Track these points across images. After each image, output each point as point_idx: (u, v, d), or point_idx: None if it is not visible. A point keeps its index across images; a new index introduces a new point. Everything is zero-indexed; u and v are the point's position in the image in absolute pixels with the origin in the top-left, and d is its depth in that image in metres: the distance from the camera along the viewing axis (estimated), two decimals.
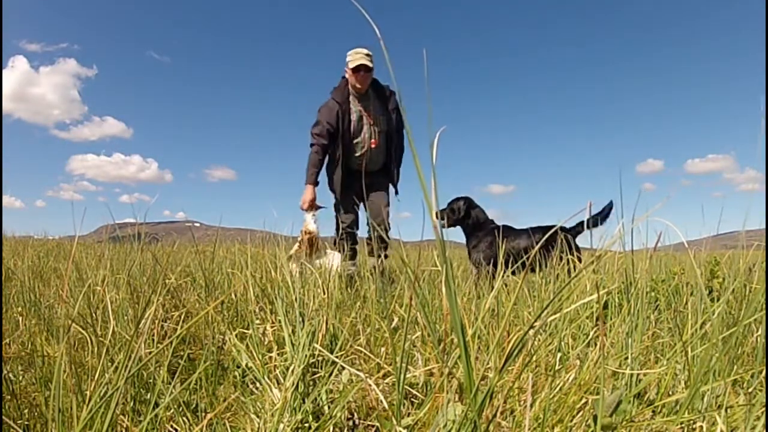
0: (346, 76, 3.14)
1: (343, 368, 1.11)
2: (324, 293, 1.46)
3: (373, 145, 3.19)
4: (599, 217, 3.05)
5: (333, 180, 3.27)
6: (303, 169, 3.20)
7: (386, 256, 3.18)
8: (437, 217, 0.62)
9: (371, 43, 3.21)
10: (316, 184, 3.22)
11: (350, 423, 0.99)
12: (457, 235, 3.52)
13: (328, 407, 1.00)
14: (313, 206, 3.16)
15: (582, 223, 3.13)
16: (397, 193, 3.39)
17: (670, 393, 0.96)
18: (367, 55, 3.06)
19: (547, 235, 0.78)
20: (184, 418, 0.98)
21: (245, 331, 1.40)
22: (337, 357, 1.12)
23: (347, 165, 3.23)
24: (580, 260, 2.69)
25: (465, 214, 3.39)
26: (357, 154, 3.21)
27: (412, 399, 1.04)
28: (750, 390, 1.01)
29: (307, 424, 0.96)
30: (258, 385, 1.14)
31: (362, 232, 3.36)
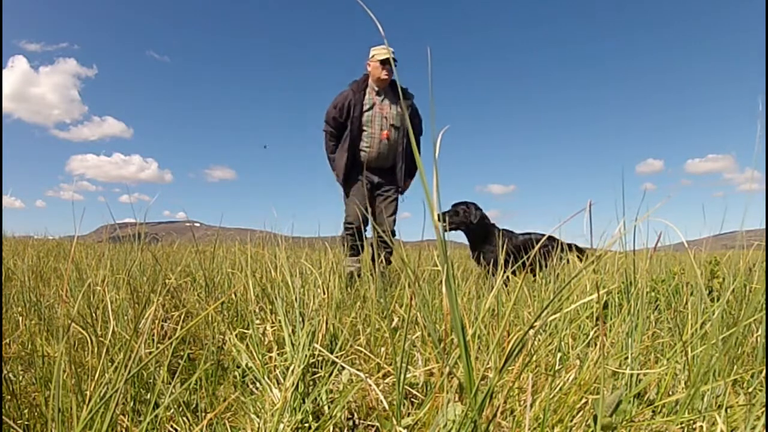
0: (369, 69, 3.14)
1: (343, 368, 1.11)
2: (324, 293, 1.46)
3: (384, 137, 3.14)
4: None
5: (337, 165, 3.22)
6: (304, 170, 3.28)
7: (389, 262, 3.16)
8: (439, 220, 0.62)
9: (371, 43, 3.22)
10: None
11: (350, 423, 0.99)
12: (456, 235, 3.51)
13: (328, 407, 1.00)
14: None
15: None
16: (402, 193, 3.35)
17: (670, 393, 0.96)
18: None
19: (545, 238, 0.80)
20: (184, 418, 0.98)
21: (245, 331, 1.40)
22: (337, 357, 1.12)
23: (354, 155, 3.17)
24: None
25: (479, 220, 3.32)
26: (365, 144, 3.15)
27: (412, 399, 1.04)
28: (750, 390, 1.01)
29: (307, 424, 0.96)
30: (258, 385, 1.14)
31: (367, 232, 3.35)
